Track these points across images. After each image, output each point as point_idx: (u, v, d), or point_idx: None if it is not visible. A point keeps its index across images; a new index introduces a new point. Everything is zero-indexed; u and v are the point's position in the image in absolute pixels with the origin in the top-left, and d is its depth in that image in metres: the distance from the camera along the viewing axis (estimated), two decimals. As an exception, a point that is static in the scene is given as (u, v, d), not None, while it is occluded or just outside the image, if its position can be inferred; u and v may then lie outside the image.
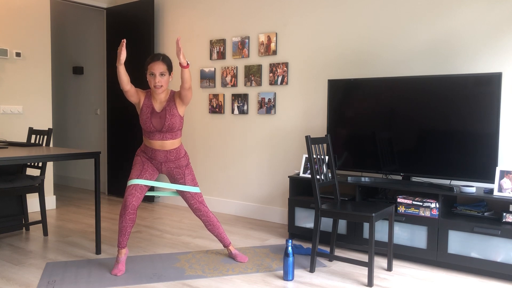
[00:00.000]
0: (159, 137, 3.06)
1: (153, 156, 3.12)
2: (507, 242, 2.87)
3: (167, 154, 3.11)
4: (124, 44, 2.83)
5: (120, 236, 3.06)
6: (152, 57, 3.04)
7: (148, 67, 3.01)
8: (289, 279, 2.91)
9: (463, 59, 3.42)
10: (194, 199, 3.20)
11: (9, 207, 3.94)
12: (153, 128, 3.03)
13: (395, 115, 3.45)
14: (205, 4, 4.93)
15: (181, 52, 2.84)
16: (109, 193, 5.85)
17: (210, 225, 3.27)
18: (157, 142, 3.08)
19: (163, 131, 3.04)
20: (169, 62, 3.05)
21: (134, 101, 3.09)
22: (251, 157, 4.64)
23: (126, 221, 3.01)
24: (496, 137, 3.05)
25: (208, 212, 3.25)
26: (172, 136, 3.08)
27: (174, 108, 3.05)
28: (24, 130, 4.72)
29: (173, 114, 3.04)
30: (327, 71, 4.10)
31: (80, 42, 6.35)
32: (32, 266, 3.14)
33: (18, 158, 3.00)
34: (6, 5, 4.55)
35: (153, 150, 3.10)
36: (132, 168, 3.14)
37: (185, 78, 2.93)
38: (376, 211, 2.85)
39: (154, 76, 2.98)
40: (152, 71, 2.98)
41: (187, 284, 2.84)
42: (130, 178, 3.09)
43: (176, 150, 3.13)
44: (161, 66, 2.99)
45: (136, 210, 3.04)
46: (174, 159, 3.14)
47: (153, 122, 3.03)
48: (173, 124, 3.04)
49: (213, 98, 4.89)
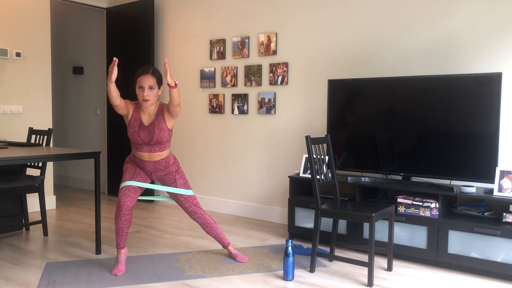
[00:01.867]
0: (147, 149, 3.06)
1: (142, 166, 3.13)
2: (507, 242, 2.87)
3: (156, 165, 3.11)
4: (116, 63, 2.80)
5: (118, 237, 3.06)
6: (142, 70, 2.99)
7: (138, 80, 2.97)
8: (289, 279, 2.91)
9: (463, 59, 3.42)
10: (189, 202, 3.20)
11: (9, 207, 3.94)
12: (141, 141, 3.03)
13: (395, 115, 3.45)
14: (205, 4, 4.93)
15: (168, 73, 2.82)
16: (109, 193, 5.85)
17: (208, 227, 3.27)
18: (145, 154, 3.08)
19: (151, 144, 3.04)
20: (159, 76, 3.02)
21: (123, 113, 3.07)
22: (251, 157, 4.64)
23: (122, 222, 3.00)
24: (496, 137, 3.05)
25: (204, 214, 3.25)
26: (160, 148, 3.08)
27: (163, 122, 3.03)
28: (24, 130, 4.72)
29: (161, 129, 3.01)
30: (327, 71, 4.10)
31: (80, 42, 6.35)
32: (32, 266, 3.14)
33: (18, 158, 3.00)
34: (6, 5, 4.55)
35: (141, 161, 3.10)
36: (124, 174, 3.13)
37: (173, 97, 2.90)
38: (376, 211, 2.85)
39: (143, 89, 2.95)
40: (141, 84, 2.95)
41: (187, 284, 2.84)
42: (123, 181, 3.09)
43: (165, 160, 3.13)
44: (151, 80, 2.95)
45: (131, 211, 3.03)
46: (164, 168, 3.15)
47: (141, 136, 3.02)
48: (161, 138, 3.02)
49: (213, 98, 4.89)
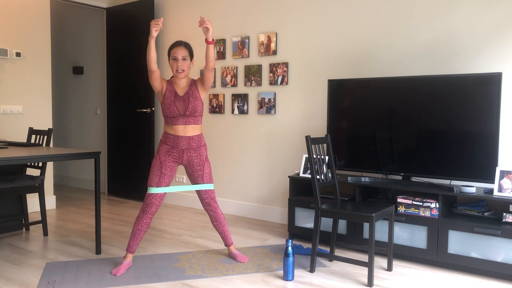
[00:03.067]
0: (182, 121, 3.11)
1: (175, 143, 3.13)
2: (507, 242, 2.87)
3: (189, 141, 3.14)
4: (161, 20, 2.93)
5: (132, 239, 3.08)
6: (174, 43, 3.14)
7: (171, 52, 3.11)
8: (289, 279, 2.91)
9: (463, 59, 3.42)
10: (207, 194, 3.24)
11: (9, 207, 3.94)
12: (176, 111, 3.08)
13: (395, 115, 3.45)
14: (205, 4, 4.93)
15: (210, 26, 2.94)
16: (109, 193, 5.85)
17: (216, 221, 3.29)
18: (180, 127, 3.11)
19: (186, 114, 3.09)
20: (190, 49, 3.16)
21: (157, 86, 3.11)
22: (251, 157, 4.63)
23: (142, 224, 3.06)
24: (496, 137, 3.05)
25: (217, 208, 3.28)
26: (194, 120, 3.14)
27: (197, 91, 3.13)
28: (24, 130, 4.72)
29: (195, 97, 3.11)
30: (327, 71, 4.10)
31: (80, 42, 6.35)
32: (32, 266, 3.14)
33: (18, 158, 3.00)
34: (6, 5, 4.55)
35: (175, 137, 3.12)
36: (151, 171, 3.14)
37: (210, 56, 3.04)
38: (376, 211, 2.85)
39: (176, 60, 3.08)
40: (175, 55, 3.08)
41: (187, 284, 2.84)
42: (150, 184, 3.10)
43: (198, 136, 3.18)
44: (183, 51, 3.09)
45: (153, 215, 3.13)
46: (196, 146, 3.17)
47: (177, 105, 3.09)
48: (196, 107, 3.10)
49: (213, 98, 4.89)
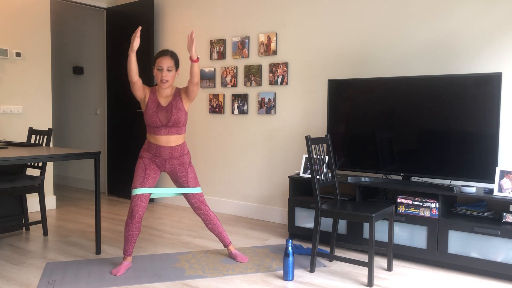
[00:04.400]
0: (164, 131, 3.08)
1: (157, 153, 3.12)
2: (507, 242, 2.87)
3: (171, 151, 3.12)
4: (139, 32, 2.89)
5: (127, 244, 3.08)
6: (160, 52, 3.10)
7: (156, 61, 3.07)
8: (289, 279, 2.91)
9: (463, 59, 3.42)
10: (195, 198, 3.22)
11: (9, 207, 3.94)
12: (159, 122, 3.05)
13: (395, 115, 3.45)
14: (205, 4, 4.93)
15: (194, 45, 2.91)
16: (109, 193, 5.85)
17: (210, 224, 3.28)
18: (162, 138, 3.09)
19: (169, 125, 3.07)
20: (176, 58, 3.11)
21: (140, 95, 3.10)
22: (251, 157, 4.63)
23: (133, 229, 3.05)
24: (496, 137, 3.05)
25: (208, 211, 3.26)
26: (177, 131, 3.11)
27: (180, 102, 3.09)
28: (24, 130, 4.72)
29: (179, 108, 3.07)
30: (327, 71, 4.10)
31: (80, 42, 6.35)
32: (32, 266, 3.14)
33: (18, 158, 3.00)
34: (6, 5, 4.55)
35: (158, 146, 3.11)
36: (135, 174, 3.14)
37: (195, 72, 3.00)
38: (376, 211, 2.85)
39: (161, 70, 3.04)
40: (160, 65, 3.04)
41: (187, 284, 2.84)
42: (134, 186, 3.10)
43: (180, 146, 3.15)
44: (169, 61, 3.05)
45: (142, 218, 3.08)
46: (179, 155, 3.15)
47: (159, 116, 3.05)
48: (179, 118, 3.07)
49: (213, 98, 4.89)
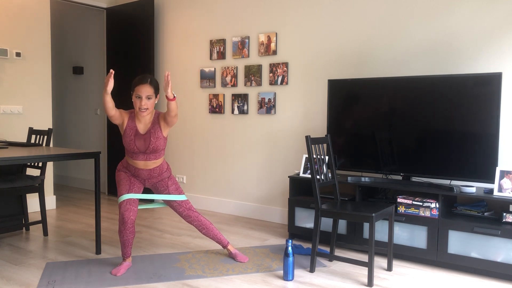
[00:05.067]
0: (142, 157, 3.06)
1: (136, 174, 3.13)
2: (507, 242, 2.87)
3: (150, 172, 3.12)
4: (112, 75, 2.79)
5: (124, 248, 3.09)
6: (139, 79, 3.00)
7: (135, 89, 2.98)
8: (289, 279, 2.91)
9: (463, 59, 3.42)
10: (182, 207, 3.21)
11: (9, 207, 3.94)
12: (136, 149, 3.03)
13: (395, 115, 3.45)
14: (205, 4, 4.93)
15: (169, 86, 2.84)
16: (109, 193, 5.85)
17: (204, 229, 3.27)
18: (140, 162, 3.08)
19: (147, 152, 3.04)
20: (156, 85, 3.03)
21: (118, 123, 3.06)
22: (251, 157, 4.63)
23: (127, 234, 3.04)
24: (496, 137, 3.05)
25: (198, 216, 3.25)
26: (155, 156, 3.09)
27: (159, 130, 3.03)
28: (24, 130, 4.72)
29: (157, 137, 3.02)
30: (327, 71, 4.09)
31: (80, 42, 6.35)
32: (32, 266, 3.14)
33: (18, 158, 3.00)
34: (6, 5, 4.55)
35: (136, 168, 3.10)
36: (119, 184, 3.12)
37: (171, 109, 2.92)
38: (376, 211, 2.85)
39: (140, 99, 2.95)
40: (139, 93, 2.95)
41: (187, 284, 2.84)
42: (120, 194, 3.08)
43: (159, 167, 3.14)
44: (148, 89, 2.96)
45: (134, 223, 3.07)
46: (157, 175, 3.16)
47: (137, 144, 3.02)
48: (157, 147, 3.03)
49: (213, 98, 4.89)
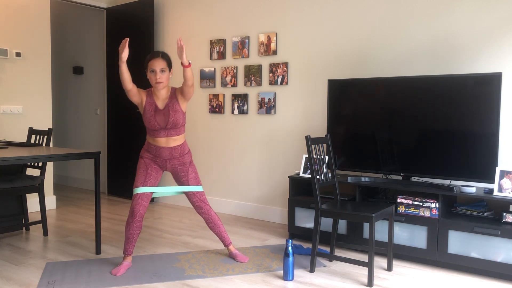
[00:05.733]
0: (164, 134, 3.09)
1: (157, 153, 3.13)
2: (507, 242, 2.87)
3: (171, 151, 3.12)
4: (127, 43, 2.87)
5: (127, 243, 3.09)
6: (151, 54, 3.07)
7: (148, 64, 3.04)
8: (289, 279, 2.91)
9: (463, 59, 3.42)
10: (196, 197, 3.23)
11: (9, 207, 3.94)
12: (157, 125, 3.06)
13: (395, 115, 3.45)
14: (205, 4, 4.93)
15: (184, 51, 2.89)
16: (109, 193, 5.85)
17: (211, 223, 3.29)
18: (162, 139, 3.10)
19: (167, 128, 3.07)
20: (168, 59, 3.09)
21: (136, 100, 3.10)
22: (251, 157, 4.63)
23: (134, 228, 3.05)
24: (496, 137, 3.05)
25: (209, 210, 3.27)
26: (176, 132, 3.11)
27: (177, 104, 3.08)
28: (24, 130, 4.72)
29: (176, 110, 3.07)
30: (327, 71, 4.09)
31: (80, 42, 6.35)
32: (32, 266, 3.14)
33: (18, 158, 3.00)
34: (6, 5, 4.55)
35: (157, 147, 3.11)
36: (137, 173, 3.15)
37: (188, 77, 2.97)
38: (376, 211, 2.85)
39: (154, 72, 3.02)
40: (153, 68, 3.02)
41: (187, 284, 2.84)
42: (135, 185, 3.10)
43: (180, 146, 3.15)
44: (161, 63, 3.02)
45: (143, 217, 3.09)
46: (179, 155, 3.16)
47: (157, 120, 3.05)
48: (177, 120, 3.07)
49: (213, 98, 4.89)
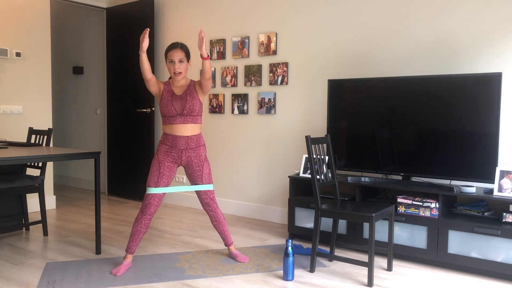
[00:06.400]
0: (180, 120, 3.10)
1: (174, 143, 3.12)
2: (507, 242, 2.87)
3: (188, 140, 3.12)
4: (147, 33, 2.92)
5: (132, 240, 3.09)
6: (171, 45, 3.13)
7: (168, 54, 3.10)
8: (289, 279, 2.91)
9: (463, 59, 3.42)
10: (206, 194, 3.24)
11: (9, 207, 3.94)
12: (174, 111, 3.08)
13: (395, 115, 3.45)
14: (205, 4, 4.93)
15: (204, 43, 2.94)
16: (109, 193, 5.85)
17: (216, 221, 3.29)
18: (178, 127, 3.10)
19: (184, 114, 3.09)
20: (187, 50, 3.14)
21: (155, 91, 3.14)
22: (251, 157, 4.63)
23: (142, 225, 3.06)
24: (496, 137, 3.05)
25: (216, 209, 3.28)
26: (192, 119, 3.13)
27: (195, 92, 3.12)
28: (24, 130, 4.71)
29: (193, 97, 3.10)
30: (327, 71, 4.10)
31: (80, 42, 6.35)
32: (32, 266, 3.14)
33: (18, 158, 3.00)
34: (6, 5, 4.55)
35: (174, 137, 3.11)
36: (150, 171, 3.15)
37: (206, 69, 3.02)
38: (376, 211, 2.85)
39: (173, 63, 3.07)
40: (172, 58, 3.07)
41: (187, 284, 2.84)
42: (148, 185, 3.10)
43: (196, 136, 3.17)
44: (180, 53, 3.08)
45: (152, 216, 3.11)
46: (195, 146, 3.16)
47: (175, 105, 3.08)
48: (193, 106, 3.09)
49: (213, 98, 4.89)
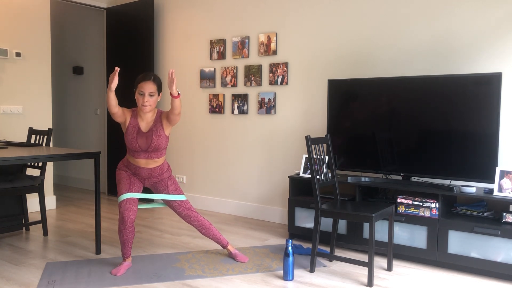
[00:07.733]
0: (144, 156, 3.07)
1: (136, 172, 3.13)
2: (507, 242, 2.87)
3: (151, 172, 3.12)
4: (117, 72, 2.83)
5: (124, 247, 3.08)
6: (143, 76, 3.02)
7: (138, 86, 3.01)
8: (289, 279, 2.91)
9: (463, 59, 3.42)
10: (182, 207, 3.21)
11: (9, 207, 3.94)
12: (138, 148, 3.03)
13: (395, 115, 3.45)
14: (205, 4, 4.93)
15: (174, 83, 2.87)
16: (109, 193, 5.85)
17: (204, 229, 3.27)
18: (142, 161, 3.08)
19: (148, 151, 3.05)
20: (159, 83, 3.06)
21: (121, 121, 3.07)
22: (251, 157, 4.63)
23: (127, 234, 3.03)
24: (496, 137, 3.05)
25: (198, 217, 3.25)
26: (157, 155, 3.09)
27: (161, 129, 3.05)
28: (24, 130, 4.71)
29: (159, 135, 3.04)
30: (327, 71, 4.09)
31: (80, 42, 6.35)
32: (32, 266, 3.14)
33: (18, 158, 3.00)
34: (6, 5, 4.55)
35: (137, 167, 3.10)
36: (119, 183, 3.12)
37: (175, 106, 2.96)
38: (376, 211, 2.85)
39: (143, 95, 2.98)
40: (142, 90, 2.98)
41: (187, 284, 2.84)
42: (120, 193, 3.08)
43: (159, 167, 3.14)
44: (151, 86, 2.99)
45: (134, 222, 3.05)
46: (157, 175, 3.16)
47: (139, 142, 3.03)
48: (159, 145, 3.04)
49: (213, 98, 4.89)
